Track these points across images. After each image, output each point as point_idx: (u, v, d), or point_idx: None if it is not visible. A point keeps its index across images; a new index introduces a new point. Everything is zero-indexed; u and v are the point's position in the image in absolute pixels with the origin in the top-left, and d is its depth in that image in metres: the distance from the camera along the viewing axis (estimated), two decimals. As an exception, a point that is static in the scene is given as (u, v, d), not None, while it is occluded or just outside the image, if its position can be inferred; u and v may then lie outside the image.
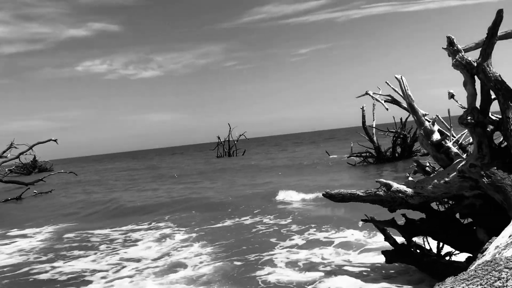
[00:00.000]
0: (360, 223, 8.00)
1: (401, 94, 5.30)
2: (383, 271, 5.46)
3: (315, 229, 8.45)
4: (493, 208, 4.25)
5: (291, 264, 6.33)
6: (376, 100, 5.77)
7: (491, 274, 2.15)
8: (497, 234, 3.30)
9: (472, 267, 2.43)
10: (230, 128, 48.72)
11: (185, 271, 6.47)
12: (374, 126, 21.36)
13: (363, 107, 21.30)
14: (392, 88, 5.61)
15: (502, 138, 4.39)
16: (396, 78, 5.23)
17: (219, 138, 49.65)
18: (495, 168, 4.00)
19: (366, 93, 5.92)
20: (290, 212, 10.61)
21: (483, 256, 2.71)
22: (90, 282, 6.40)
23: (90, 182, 30.68)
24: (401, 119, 20.59)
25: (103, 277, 6.57)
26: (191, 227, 10.04)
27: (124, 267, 7.05)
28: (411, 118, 20.02)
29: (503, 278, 2.10)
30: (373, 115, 21.41)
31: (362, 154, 21.91)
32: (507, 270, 2.17)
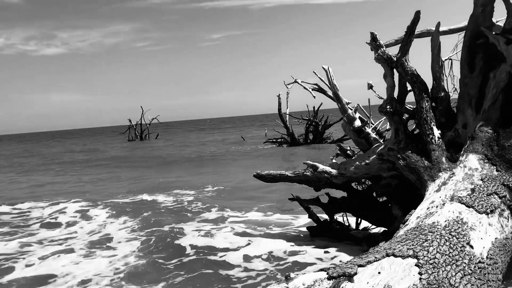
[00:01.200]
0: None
1: (327, 83, 5.74)
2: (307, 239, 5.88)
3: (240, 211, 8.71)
4: (406, 187, 4.82)
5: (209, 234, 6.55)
6: (304, 88, 6.16)
7: (419, 237, 2.58)
8: (408, 210, 3.82)
9: (400, 233, 2.86)
10: (142, 111, 47.53)
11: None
12: (288, 113, 22.29)
13: (279, 95, 22.11)
14: (319, 77, 6.03)
15: (415, 126, 4.97)
16: (323, 68, 5.64)
17: (130, 121, 48.23)
18: (410, 152, 4.53)
19: (295, 81, 6.30)
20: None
21: (406, 225, 3.17)
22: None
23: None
24: (313, 107, 21.70)
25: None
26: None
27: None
28: (323, 107, 21.26)
29: (429, 239, 2.54)
30: (287, 103, 22.35)
31: (277, 140, 22.78)
32: (431, 233, 2.61)
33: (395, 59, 4.78)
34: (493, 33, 4.21)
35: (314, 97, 6.01)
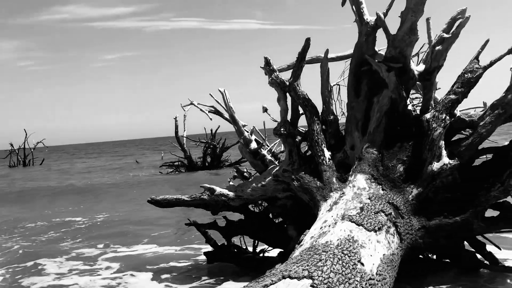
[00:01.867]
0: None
1: (224, 106, 5.74)
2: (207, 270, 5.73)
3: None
4: (301, 207, 4.92)
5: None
6: (201, 110, 6.11)
7: (313, 257, 2.60)
8: (304, 230, 3.89)
9: (295, 254, 2.87)
10: (26, 135, 43.92)
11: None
12: (185, 136, 22.08)
13: (176, 117, 21.81)
14: (215, 100, 6.02)
15: (307, 148, 5.13)
16: (219, 90, 5.64)
17: (12, 145, 44.30)
18: (303, 172, 4.66)
19: (192, 104, 6.22)
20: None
21: (301, 246, 3.20)
22: None
23: None
24: (211, 130, 21.72)
25: None
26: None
27: None
28: (220, 130, 21.38)
29: (323, 259, 2.57)
30: (184, 126, 22.14)
31: (175, 164, 22.35)
32: (324, 253, 2.64)
33: (287, 83, 4.92)
34: (376, 61, 4.53)
35: (211, 119, 5.99)
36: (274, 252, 5.52)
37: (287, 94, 5.00)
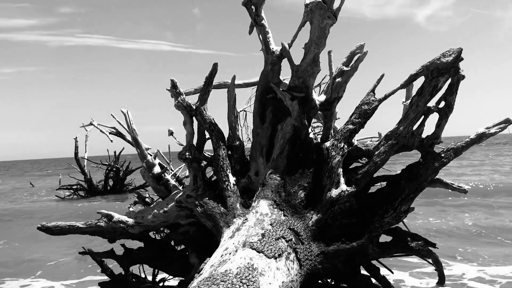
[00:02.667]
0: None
1: (126, 127, 5.50)
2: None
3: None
4: (204, 234, 4.81)
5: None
6: (101, 131, 5.80)
7: (211, 287, 2.50)
8: (205, 257, 3.79)
9: (194, 285, 2.75)
10: None
11: None
12: (86, 158, 20.89)
13: (76, 137, 20.63)
14: (117, 121, 5.76)
15: (212, 173, 5.06)
16: (122, 111, 5.40)
17: None
18: (207, 198, 4.57)
19: (91, 124, 5.88)
20: None
21: (200, 275, 3.09)
22: None
23: None
24: (114, 152, 20.80)
25: None
26: None
27: None
28: (125, 152, 20.57)
29: (221, 289, 2.48)
30: (85, 147, 20.95)
31: (73, 187, 20.99)
32: (223, 282, 2.56)
33: (194, 107, 4.86)
34: (281, 89, 4.64)
35: (111, 141, 5.69)
36: (174, 281, 5.32)
37: (194, 118, 4.93)
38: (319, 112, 5.03)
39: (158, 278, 5.34)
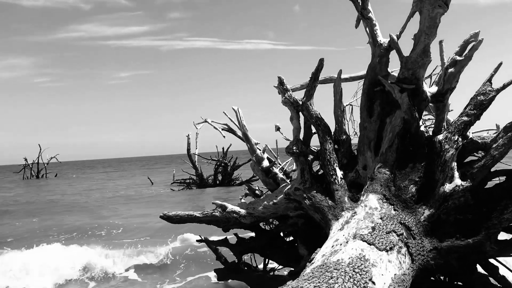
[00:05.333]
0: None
1: (237, 124, 5.81)
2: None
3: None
4: (312, 226, 4.93)
5: None
6: (214, 128, 6.18)
7: (325, 274, 2.61)
8: (314, 249, 3.89)
9: (307, 271, 2.88)
10: (40, 149, 44.51)
11: None
12: (197, 153, 22.16)
13: (188, 135, 21.99)
14: (229, 118, 6.10)
15: (319, 167, 5.15)
16: (233, 109, 5.72)
17: (26, 160, 44.87)
18: (315, 191, 4.67)
19: (205, 121, 6.30)
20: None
21: (312, 264, 3.21)
22: None
23: None
24: (223, 148, 21.84)
25: None
26: None
27: None
28: (232, 148, 21.46)
29: (334, 276, 2.58)
30: (196, 143, 22.23)
31: (186, 181, 22.43)
32: (336, 270, 2.66)
33: (300, 102, 4.98)
34: (389, 81, 4.57)
35: (224, 137, 6.05)
36: (284, 271, 5.51)
37: (300, 113, 5.05)
38: (430, 104, 4.86)
39: (268, 267, 5.57)
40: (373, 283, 2.88)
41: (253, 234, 5.53)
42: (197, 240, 5.73)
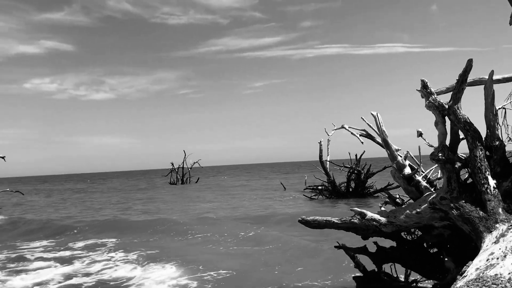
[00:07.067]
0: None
1: (376, 129, 5.70)
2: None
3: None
4: (460, 238, 4.62)
5: None
6: (352, 133, 6.15)
7: (482, 288, 2.45)
8: (461, 262, 3.66)
9: (460, 284, 2.73)
10: (185, 155, 48.40)
11: None
12: (328, 160, 22.05)
13: (320, 141, 22.01)
14: (367, 123, 6.01)
15: (467, 175, 4.81)
16: (372, 114, 5.63)
17: (172, 164, 49.09)
18: (464, 201, 4.38)
19: (342, 127, 6.30)
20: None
21: (464, 277, 3.03)
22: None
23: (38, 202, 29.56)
24: (356, 155, 21.41)
25: None
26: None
27: None
28: (365, 155, 20.93)
29: (494, 291, 2.41)
30: (328, 150, 22.12)
31: (318, 187, 22.47)
32: (494, 285, 2.48)
33: (446, 106, 4.72)
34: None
35: (362, 142, 5.98)
36: (428, 283, 5.25)
37: (446, 117, 4.78)
38: None
39: (410, 279, 5.35)
40: (539, 302, 2.61)
41: (392, 243, 5.36)
42: (335, 246, 5.74)
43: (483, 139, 4.63)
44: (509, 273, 2.79)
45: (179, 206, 21.93)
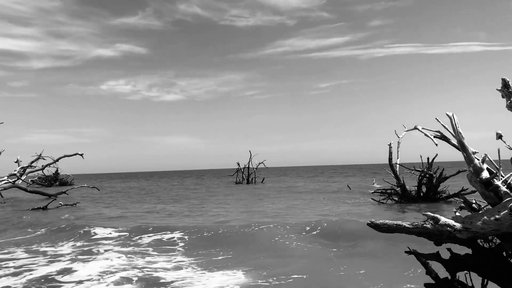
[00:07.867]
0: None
1: (451, 131, 5.45)
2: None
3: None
4: (545, 248, 4.31)
5: None
6: (425, 135, 5.93)
7: None
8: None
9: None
10: (251, 155, 49.01)
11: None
12: (398, 163, 21.34)
13: (390, 144, 21.37)
14: (442, 124, 5.76)
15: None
16: (447, 115, 5.39)
17: (238, 164, 49.92)
18: (550, 208, 4.08)
19: (415, 128, 6.09)
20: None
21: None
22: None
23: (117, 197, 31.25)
24: (428, 158, 20.54)
25: None
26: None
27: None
28: (437, 159, 20.05)
29: None
30: (398, 153, 21.41)
31: (387, 191, 21.83)
32: None
33: (531, 107, 4.43)
34: None
35: (437, 144, 5.74)
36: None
37: (530, 119, 4.49)
38: None
39: (487, 289, 5.06)
40: None
41: (467, 250, 5.10)
42: (405, 252, 5.54)
43: None
44: None
45: (244, 207, 22.20)
